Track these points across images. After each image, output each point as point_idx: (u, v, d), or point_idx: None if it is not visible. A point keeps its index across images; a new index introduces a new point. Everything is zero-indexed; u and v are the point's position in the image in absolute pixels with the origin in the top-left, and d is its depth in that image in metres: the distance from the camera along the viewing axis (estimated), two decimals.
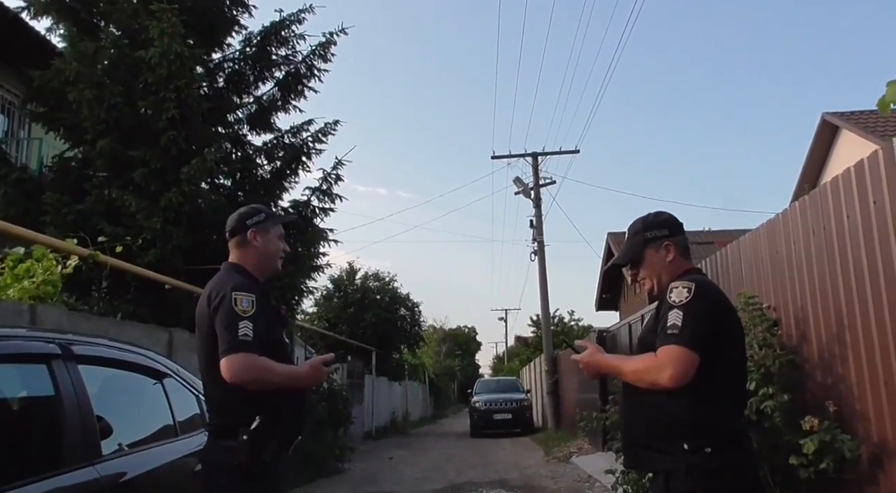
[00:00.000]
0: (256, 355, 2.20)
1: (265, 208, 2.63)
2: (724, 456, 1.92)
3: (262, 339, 2.24)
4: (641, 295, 20.53)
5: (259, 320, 2.25)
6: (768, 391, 3.64)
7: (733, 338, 2.06)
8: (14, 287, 4.77)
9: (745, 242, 4.92)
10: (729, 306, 2.12)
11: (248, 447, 2.15)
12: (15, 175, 8.04)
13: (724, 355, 1.99)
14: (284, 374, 2.30)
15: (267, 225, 2.52)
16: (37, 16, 8.65)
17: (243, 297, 2.26)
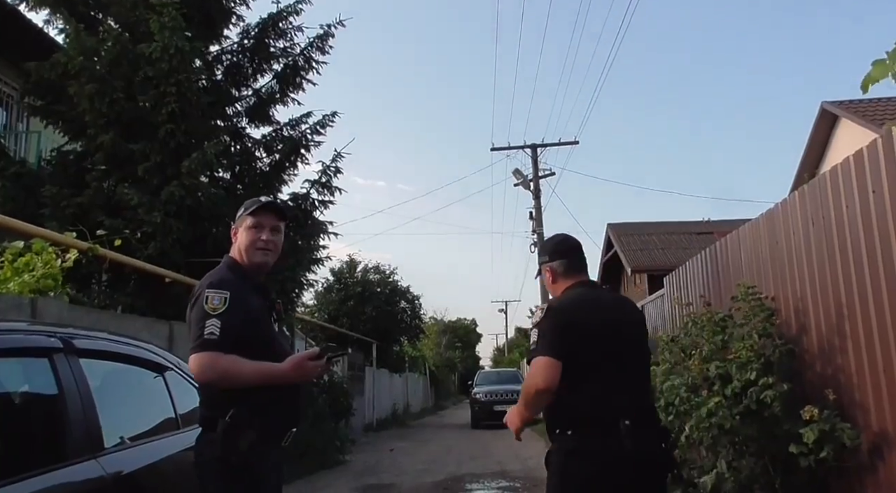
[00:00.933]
0: (220, 354, 2.15)
1: (249, 200, 2.53)
2: (582, 439, 2.35)
3: (234, 337, 2.19)
4: (642, 286, 20.57)
5: (232, 317, 2.20)
6: (768, 381, 3.65)
7: (584, 341, 2.39)
8: (14, 281, 4.78)
9: (745, 233, 4.92)
10: (576, 318, 2.46)
11: (222, 439, 2.16)
12: (13, 169, 8.02)
13: (579, 356, 2.36)
14: (256, 372, 2.21)
15: (242, 217, 2.46)
16: (34, 7, 8.61)
17: (215, 294, 2.22)
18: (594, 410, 2.36)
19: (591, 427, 2.35)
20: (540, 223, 19.64)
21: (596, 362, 2.41)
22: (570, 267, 2.65)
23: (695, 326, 4.55)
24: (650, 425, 2.45)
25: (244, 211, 2.47)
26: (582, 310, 2.52)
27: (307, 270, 9.79)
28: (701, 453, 4.29)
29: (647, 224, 23.63)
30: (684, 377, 4.24)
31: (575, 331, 2.41)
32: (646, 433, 2.38)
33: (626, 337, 2.53)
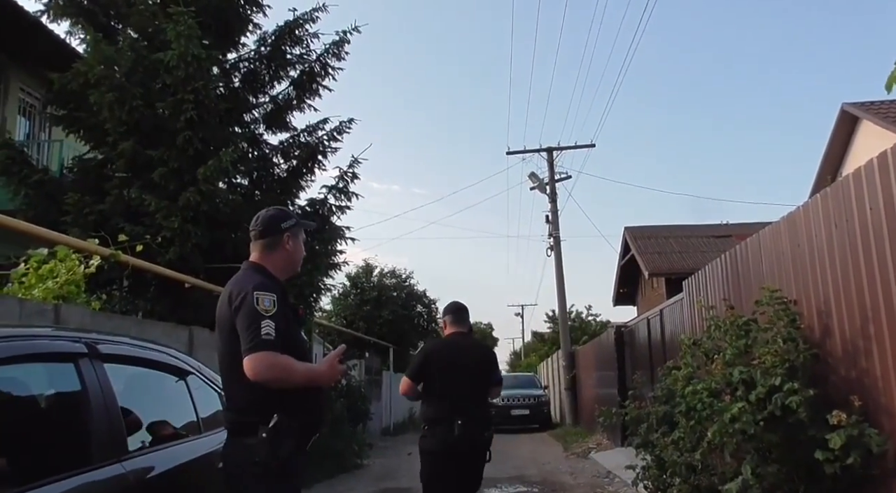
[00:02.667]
0: (278, 354, 2.23)
1: (293, 213, 2.79)
2: (431, 429, 3.97)
3: (283, 338, 2.27)
4: (659, 290, 20.40)
5: (280, 319, 2.28)
6: (793, 386, 3.59)
7: (435, 371, 4.04)
8: (39, 287, 4.85)
9: (765, 236, 4.86)
10: (432, 357, 4.17)
11: (267, 444, 2.19)
12: (36, 177, 8.16)
13: (432, 380, 4.03)
14: (304, 372, 2.33)
15: (297, 230, 2.62)
16: (56, 19, 8.76)
17: (265, 296, 2.29)
18: (437, 413, 3.98)
19: (436, 423, 3.96)
20: (556, 227, 19.58)
21: (443, 384, 4.00)
22: (452, 322, 4.28)
23: (717, 329, 4.50)
24: (476, 423, 3.97)
25: (299, 225, 2.65)
26: (439, 352, 4.22)
27: (324, 274, 9.84)
28: (724, 459, 4.23)
29: (665, 227, 23.45)
30: (706, 382, 4.19)
31: (429, 364, 4.10)
32: (472, 427, 3.91)
33: (466, 370, 4.05)
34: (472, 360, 4.13)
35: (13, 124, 10.52)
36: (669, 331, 8.32)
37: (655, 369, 7.91)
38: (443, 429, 3.89)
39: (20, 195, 8.07)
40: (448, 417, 3.89)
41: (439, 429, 3.91)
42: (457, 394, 3.95)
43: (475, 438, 3.95)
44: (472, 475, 4.07)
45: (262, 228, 2.55)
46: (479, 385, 4.10)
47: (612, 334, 12.41)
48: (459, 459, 3.92)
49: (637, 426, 5.84)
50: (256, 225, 2.57)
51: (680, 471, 4.65)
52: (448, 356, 4.09)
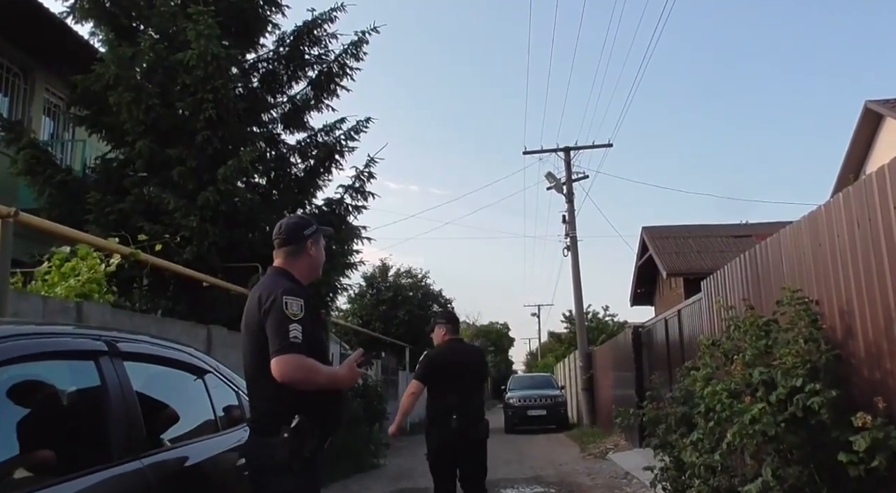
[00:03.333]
0: (305, 356, 2.32)
1: (311, 218, 2.81)
2: (433, 422, 4.58)
3: (309, 341, 2.36)
4: (677, 290, 20.23)
5: (307, 323, 2.37)
6: (815, 387, 3.54)
7: (438, 374, 4.61)
8: (61, 285, 4.92)
9: (786, 236, 4.79)
10: (436, 362, 4.73)
11: (289, 443, 2.26)
12: (60, 176, 8.28)
13: (435, 381, 4.59)
14: (328, 375, 2.42)
15: (318, 236, 2.72)
16: (80, 21, 8.88)
17: (293, 301, 2.37)
18: (438, 408, 4.57)
19: (437, 417, 4.56)
20: (573, 227, 19.48)
21: (444, 385, 4.57)
22: (450, 331, 4.86)
23: (737, 330, 4.44)
24: (471, 417, 4.58)
25: (320, 231, 2.74)
26: (441, 357, 4.75)
27: (341, 274, 9.88)
28: (744, 460, 4.18)
29: (683, 227, 23.25)
30: (726, 383, 4.14)
31: (434, 367, 4.68)
32: (467, 420, 4.52)
33: (463, 371, 4.66)
34: (470, 361, 4.83)
35: (38, 124, 10.69)
36: (688, 331, 8.25)
37: (673, 370, 7.84)
38: (443, 422, 4.51)
39: (44, 195, 8.20)
40: (446, 412, 4.51)
41: (440, 423, 4.54)
42: (454, 393, 4.56)
43: (469, 429, 4.54)
44: (476, 463, 4.63)
45: (286, 235, 2.64)
46: (474, 383, 4.82)
47: (629, 334, 12.33)
48: (461, 448, 4.53)
49: (655, 426, 5.79)
50: (280, 233, 2.66)
51: (699, 472, 4.61)
52: (450, 360, 4.70)
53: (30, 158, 8.17)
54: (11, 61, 10.28)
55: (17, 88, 10.53)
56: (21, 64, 10.44)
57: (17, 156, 8.23)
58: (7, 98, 10.40)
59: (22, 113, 10.47)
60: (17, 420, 2.01)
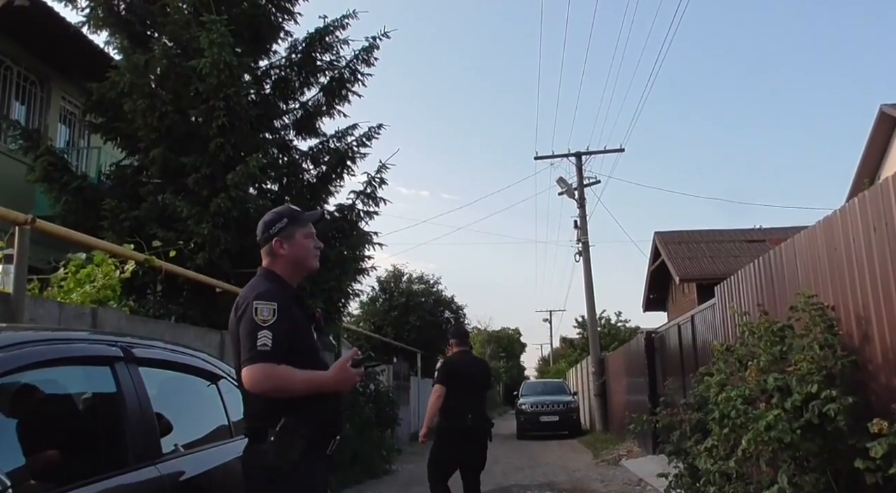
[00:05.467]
0: (275, 365, 2.19)
1: (288, 211, 2.55)
2: (449, 421, 5.29)
3: (285, 347, 2.23)
4: (690, 296, 20.09)
5: (280, 328, 2.23)
6: (831, 394, 3.50)
7: (454, 379, 5.37)
8: (77, 291, 4.97)
9: (801, 240, 4.76)
10: (452, 368, 5.55)
11: (274, 448, 2.19)
12: (75, 183, 8.36)
13: (452, 386, 5.31)
14: (306, 381, 2.26)
15: (291, 230, 2.47)
16: (95, 30, 8.99)
17: (264, 306, 2.25)
18: (453, 408, 5.29)
19: (453, 416, 5.30)
20: (585, 232, 19.42)
21: (458, 388, 5.33)
22: (458, 343, 5.80)
23: (751, 335, 4.41)
24: (480, 417, 5.45)
25: (294, 223, 2.47)
26: (456, 365, 5.60)
27: (353, 280, 9.91)
28: (760, 467, 4.15)
29: (696, 232, 23.11)
30: (740, 389, 4.11)
31: (450, 374, 5.45)
32: (478, 420, 5.39)
33: (473, 378, 5.54)
34: (478, 371, 5.80)
35: (54, 132, 10.82)
36: (701, 337, 8.19)
37: (687, 376, 7.78)
38: (457, 419, 5.32)
39: (60, 202, 8.29)
40: (461, 411, 5.33)
41: (455, 419, 5.33)
42: (468, 395, 5.46)
43: (480, 426, 5.45)
44: (477, 456, 5.47)
45: (258, 235, 2.52)
46: (482, 389, 5.79)
47: (642, 339, 12.26)
48: (471, 443, 5.39)
49: (669, 433, 5.76)
50: (257, 233, 2.54)
51: (714, 479, 4.57)
52: (464, 368, 5.59)
53: (47, 165, 8.26)
54: (28, 70, 10.43)
55: (34, 97, 10.67)
56: (38, 73, 10.58)
57: (35, 163, 8.33)
58: (24, 106, 10.54)
59: (39, 121, 10.61)
60: (34, 425, 2.03)
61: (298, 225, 2.48)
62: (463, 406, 5.29)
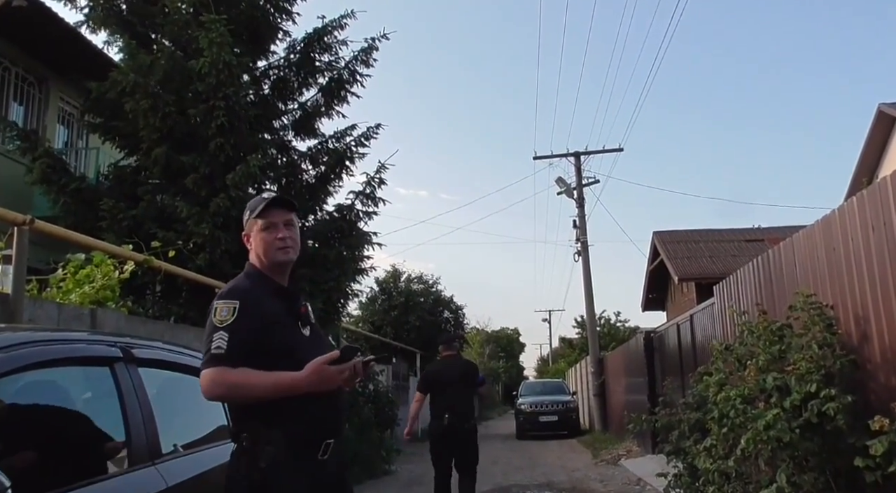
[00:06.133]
0: (227, 369, 2.02)
1: (251, 202, 2.34)
2: (433, 420, 6.09)
3: (248, 348, 2.06)
4: (689, 295, 20.10)
5: (240, 328, 2.07)
6: (830, 393, 3.51)
7: (433, 384, 6.14)
8: (76, 292, 4.96)
9: (799, 240, 4.76)
10: (431, 375, 6.43)
11: (244, 454, 2.06)
12: (74, 184, 8.36)
13: (432, 390, 6.14)
14: (269, 385, 2.03)
15: (249, 224, 2.29)
16: (95, 30, 9.00)
17: (223, 305, 2.11)
18: (435, 410, 6.02)
19: (435, 417, 5.99)
20: (584, 232, 19.44)
21: (439, 391, 6.01)
22: (445, 348, 6.45)
23: (750, 335, 4.42)
24: (461, 417, 5.95)
25: (251, 213, 2.28)
26: (433, 373, 6.39)
27: (352, 280, 9.91)
28: (759, 466, 4.15)
29: (695, 231, 23.11)
30: (739, 389, 4.11)
31: (430, 380, 6.26)
32: (458, 419, 5.90)
33: (455, 380, 6.01)
34: (458, 373, 6.12)
35: (52, 133, 10.81)
36: (700, 337, 8.19)
37: (686, 376, 7.79)
38: (437, 418, 6.01)
39: (59, 203, 8.28)
40: (439, 412, 5.98)
41: (435, 418, 6.05)
42: (445, 398, 5.97)
43: (458, 426, 5.92)
44: (467, 453, 6.00)
45: None
46: (463, 390, 6.08)
47: (641, 339, 12.27)
48: (452, 441, 5.95)
49: (668, 433, 5.76)
50: None
51: (713, 479, 4.57)
52: (441, 374, 6.17)
53: (45, 167, 8.26)
54: (27, 71, 10.42)
55: (32, 98, 10.66)
56: (36, 73, 10.57)
57: (33, 165, 8.32)
58: (23, 107, 10.52)
59: (37, 122, 10.59)
60: (33, 426, 2.03)
61: (254, 216, 2.27)
62: (440, 409, 6.00)
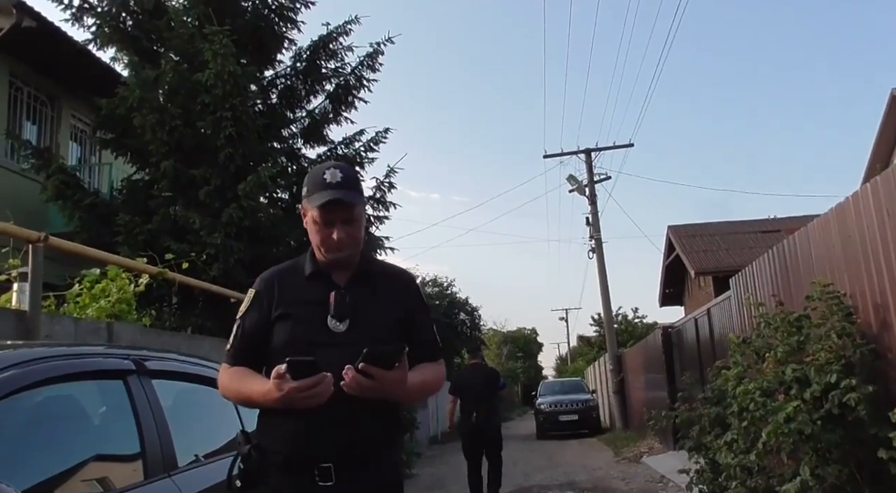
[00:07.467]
0: (226, 366, 1.89)
1: (317, 180, 1.90)
2: (462, 420, 7.54)
3: (255, 342, 1.86)
4: (707, 289, 19.93)
5: (248, 320, 1.89)
6: (850, 383, 3.45)
7: (462, 388, 7.70)
8: (92, 306, 5.01)
9: (814, 229, 4.70)
10: (459, 380, 7.88)
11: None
12: (88, 200, 8.47)
13: (461, 394, 7.67)
14: (237, 393, 1.83)
15: (305, 203, 1.92)
16: (102, 47, 9.11)
17: (248, 293, 1.94)
18: (464, 410, 7.37)
19: (464, 416, 7.36)
20: (597, 228, 19.34)
21: (467, 394, 7.42)
22: (472, 356, 9.39)
23: (768, 327, 4.36)
24: (487, 415, 7.26)
25: (307, 192, 1.89)
26: (461, 378, 7.85)
27: None
28: (781, 460, 4.09)
29: (710, 224, 22.90)
30: (758, 381, 4.06)
31: (459, 385, 7.71)
32: (484, 417, 7.22)
33: (479, 385, 7.41)
34: (482, 379, 7.51)
35: (66, 150, 10.94)
36: (718, 330, 8.12)
37: (705, 370, 7.72)
38: (466, 418, 7.33)
39: (74, 218, 8.38)
40: (468, 412, 7.30)
41: (465, 418, 7.35)
42: (471, 400, 7.33)
43: (484, 423, 7.23)
44: (492, 444, 7.39)
45: None
46: (485, 393, 7.41)
47: (658, 335, 12.18)
48: (479, 435, 7.27)
49: (689, 428, 5.71)
50: None
51: (735, 473, 4.52)
52: (467, 380, 7.61)
53: (59, 183, 8.36)
54: (38, 90, 10.56)
55: (44, 116, 10.80)
56: (47, 92, 10.71)
57: (47, 182, 8.43)
58: (35, 126, 10.66)
59: (50, 139, 10.73)
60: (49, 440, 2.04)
61: (307, 200, 1.90)
62: (468, 409, 7.32)
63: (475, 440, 7.30)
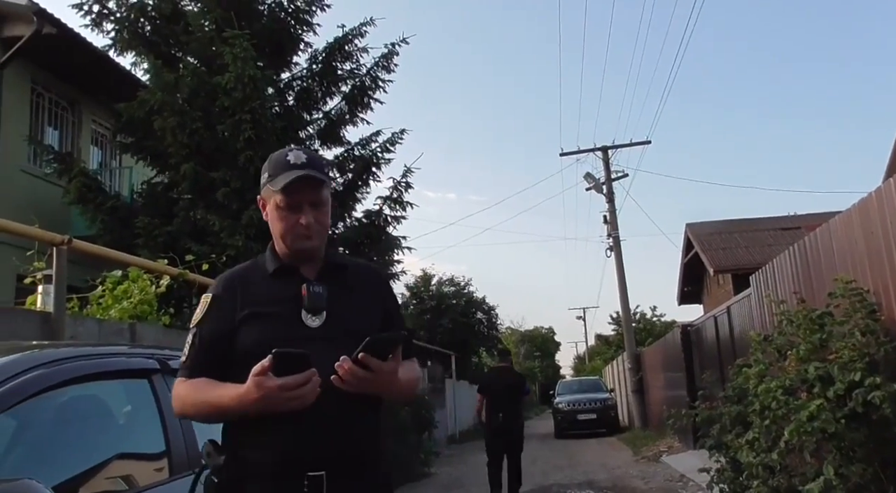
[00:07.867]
0: (182, 379, 1.69)
1: (279, 162, 1.70)
2: (489, 420, 7.87)
3: (213, 350, 1.67)
4: (726, 287, 19.75)
5: (204, 327, 1.70)
6: (875, 381, 3.41)
7: (488, 390, 8.07)
8: (115, 308, 5.09)
9: (836, 225, 4.65)
10: (486, 381, 8.49)
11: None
12: (110, 203, 8.59)
13: (489, 394, 8.01)
14: (199, 404, 1.63)
15: (268, 188, 1.71)
16: (122, 52, 9.23)
17: (202, 299, 1.75)
18: (491, 411, 7.70)
19: (490, 416, 7.71)
20: (615, 226, 19.23)
21: (492, 396, 7.77)
22: (500, 360, 8.53)
23: (790, 324, 4.32)
24: (511, 415, 7.64)
25: (269, 177, 1.70)
26: (489, 378, 8.57)
27: None
28: (804, 458, 4.05)
29: (729, 222, 22.69)
30: (780, 379, 4.02)
31: (485, 385, 8.14)
32: (508, 418, 7.59)
33: (505, 387, 7.75)
34: (508, 382, 7.83)
35: (87, 154, 11.11)
36: (738, 328, 8.05)
37: (725, 369, 7.65)
38: (492, 418, 7.65)
39: (96, 221, 8.51)
40: (495, 412, 7.63)
41: (491, 418, 7.68)
42: (498, 401, 7.68)
43: (509, 423, 7.58)
44: (515, 442, 7.70)
45: None
46: (511, 396, 7.76)
47: (678, 333, 12.09)
48: (503, 434, 7.59)
49: (709, 427, 5.66)
50: None
51: (757, 473, 4.47)
52: (494, 382, 7.97)
53: (81, 187, 8.49)
54: (59, 96, 10.73)
55: (66, 121, 10.97)
56: (68, 98, 10.88)
57: (69, 186, 8.56)
58: (57, 131, 10.84)
59: (71, 144, 10.90)
60: (76, 439, 2.08)
61: (270, 183, 1.69)
62: (495, 409, 7.67)
63: (500, 439, 7.60)
